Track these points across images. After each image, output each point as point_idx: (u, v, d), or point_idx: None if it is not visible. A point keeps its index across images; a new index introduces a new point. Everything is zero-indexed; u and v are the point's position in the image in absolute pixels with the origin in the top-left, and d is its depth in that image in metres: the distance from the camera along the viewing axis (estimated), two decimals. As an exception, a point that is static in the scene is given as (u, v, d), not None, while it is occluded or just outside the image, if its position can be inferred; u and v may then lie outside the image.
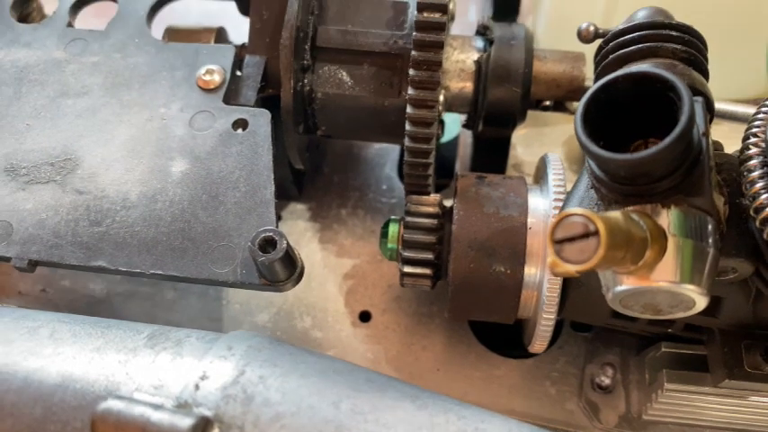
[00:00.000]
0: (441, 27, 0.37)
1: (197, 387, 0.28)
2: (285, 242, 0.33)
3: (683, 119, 0.27)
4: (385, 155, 0.51)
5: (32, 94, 0.41)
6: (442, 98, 0.38)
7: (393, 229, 0.40)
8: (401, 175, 0.50)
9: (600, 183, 0.31)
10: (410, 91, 0.37)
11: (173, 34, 0.44)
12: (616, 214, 0.26)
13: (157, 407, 0.27)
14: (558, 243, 0.25)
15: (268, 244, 0.33)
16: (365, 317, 0.46)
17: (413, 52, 0.37)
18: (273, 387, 0.28)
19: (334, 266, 0.47)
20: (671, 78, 0.28)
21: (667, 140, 0.27)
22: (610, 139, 0.29)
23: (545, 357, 0.44)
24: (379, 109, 0.41)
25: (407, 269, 0.39)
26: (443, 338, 0.45)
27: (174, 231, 0.36)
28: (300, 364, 0.30)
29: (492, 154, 0.46)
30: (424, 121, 0.38)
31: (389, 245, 0.40)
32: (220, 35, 0.45)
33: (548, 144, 0.50)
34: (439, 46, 0.37)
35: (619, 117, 0.30)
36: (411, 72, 0.37)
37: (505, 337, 0.45)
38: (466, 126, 0.45)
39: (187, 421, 0.26)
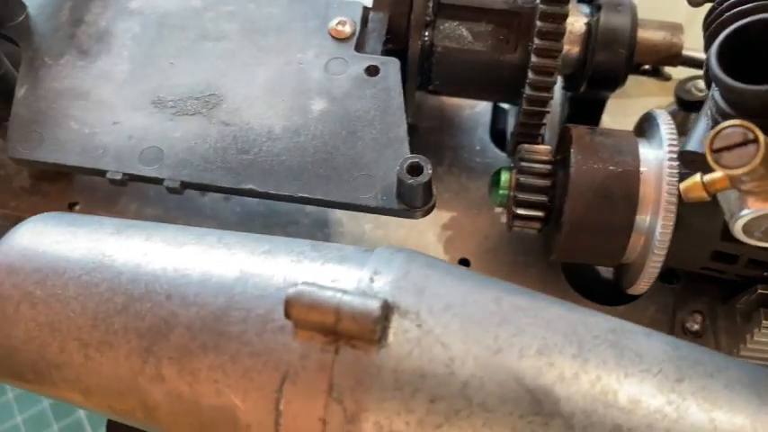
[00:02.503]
0: (567, -16, 0.40)
1: (371, 280, 0.31)
2: (430, 169, 0.36)
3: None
4: (477, 119, 0.54)
5: (174, 37, 0.44)
6: (560, 52, 0.42)
7: (505, 176, 0.43)
8: (494, 138, 0.53)
9: (726, 119, 0.34)
10: (536, 41, 0.41)
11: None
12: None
13: (345, 291, 0.29)
14: (716, 152, 0.28)
15: (414, 170, 0.36)
16: (464, 263, 0.49)
17: (541, 5, 0.40)
18: (439, 283, 0.31)
19: (433, 217, 0.50)
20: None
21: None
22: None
23: (636, 306, 0.47)
24: (494, 64, 0.44)
25: (521, 211, 0.42)
26: (539, 285, 0.48)
27: (318, 161, 0.39)
28: (454, 269, 0.33)
29: (586, 117, 0.49)
30: (546, 70, 0.41)
31: (501, 191, 0.43)
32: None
33: (630, 114, 0.53)
34: (564, 1, 0.40)
35: (747, 63, 0.33)
36: (538, 23, 0.40)
37: (593, 289, 0.48)
38: (565, 88, 0.48)
39: (375, 302, 0.29)
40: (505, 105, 0.53)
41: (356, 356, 0.29)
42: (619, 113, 0.55)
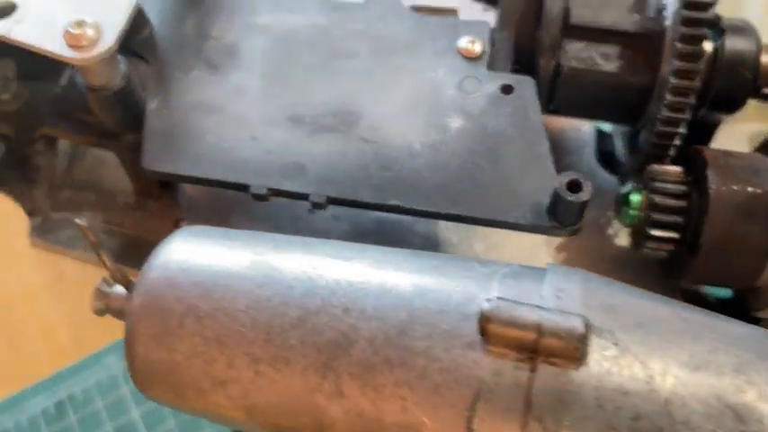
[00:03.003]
0: (705, 7, 0.41)
1: (558, 297, 0.30)
2: (591, 187, 0.36)
3: None
4: (582, 141, 0.54)
5: (304, 54, 0.44)
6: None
7: (636, 197, 0.43)
8: (602, 161, 0.53)
9: None
10: (676, 63, 0.41)
11: (419, 9, 0.47)
12: None
13: (543, 308, 0.29)
14: None
15: (575, 186, 0.36)
16: (580, 286, 0.48)
17: (681, 28, 0.40)
18: (624, 301, 0.31)
19: (545, 239, 0.50)
20: None
21: None
22: None
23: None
24: (622, 86, 0.44)
25: (655, 233, 0.42)
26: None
27: (461, 178, 0.39)
28: (629, 287, 0.32)
29: (698, 139, 0.49)
30: (685, 91, 0.41)
31: (632, 212, 0.43)
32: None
33: (734, 139, 0.54)
34: (704, 24, 0.41)
35: None
36: (678, 45, 0.41)
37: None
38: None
39: (578, 320, 0.28)
40: (608, 127, 0.53)
41: (556, 374, 0.28)
42: (722, 138, 0.55)
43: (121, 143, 0.45)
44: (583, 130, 0.54)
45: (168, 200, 0.50)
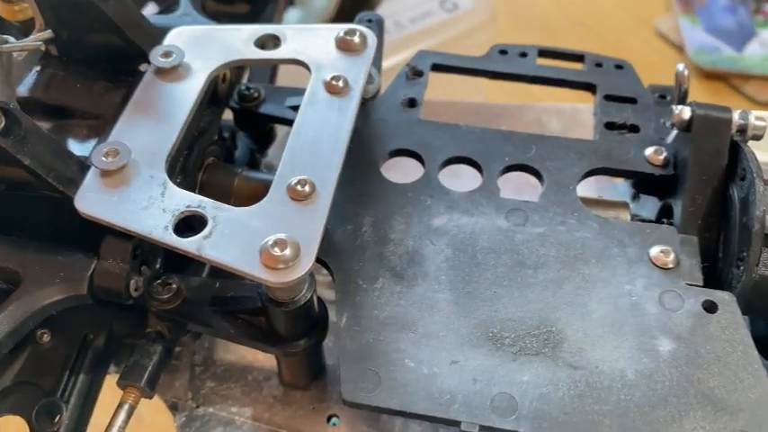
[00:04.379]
0: None
1: None
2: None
3: None
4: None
5: (489, 262, 0.42)
6: None
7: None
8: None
9: None
10: None
11: (587, 202, 0.46)
12: None
13: None
14: None
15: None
16: None
17: None
18: None
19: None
20: None
21: None
22: None
23: None
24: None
25: None
26: None
27: (681, 413, 0.36)
28: None
29: None
30: None
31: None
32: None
33: None
34: None
35: None
36: None
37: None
38: None
39: None
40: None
41: None
42: None
43: (291, 348, 0.43)
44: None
45: (317, 392, 0.48)
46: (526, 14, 1.19)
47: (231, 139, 0.56)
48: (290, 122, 0.52)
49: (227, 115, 0.54)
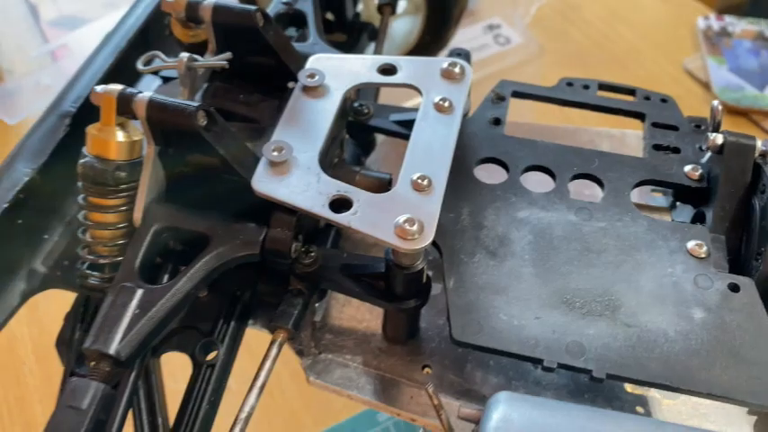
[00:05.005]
0: None
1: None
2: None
3: None
4: None
5: (563, 247, 0.54)
6: None
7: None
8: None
9: None
10: None
11: (636, 206, 0.58)
12: None
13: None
14: None
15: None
16: None
17: None
18: None
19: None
20: None
21: None
22: None
23: None
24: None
25: None
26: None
27: (710, 363, 0.48)
28: None
29: None
30: None
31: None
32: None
33: None
34: None
35: None
36: None
37: None
38: None
39: None
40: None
41: None
42: None
43: (402, 306, 0.55)
44: None
45: (413, 346, 0.60)
46: (568, 51, 1.31)
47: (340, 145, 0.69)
48: (393, 134, 0.66)
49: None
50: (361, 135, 0.69)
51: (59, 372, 0.58)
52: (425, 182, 0.52)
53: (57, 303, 0.61)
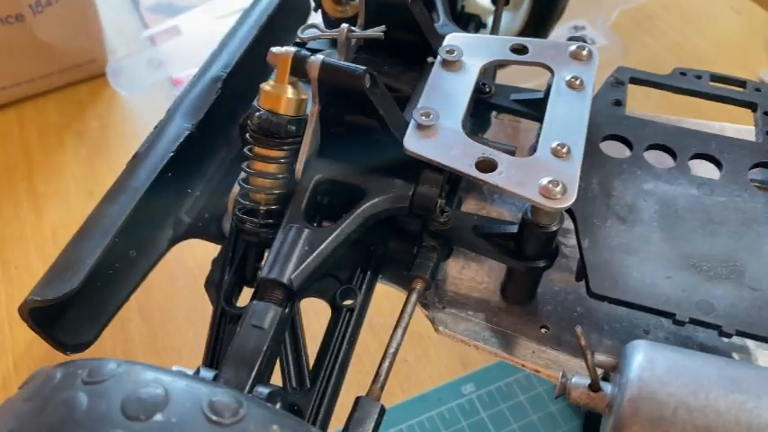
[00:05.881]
0: None
1: None
2: None
3: None
4: None
5: (687, 216, 0.58)
6: None
7: None
8: None
9: None
10: None
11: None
12: None
13: None
14: None
15: None
16: None
17: None
18: None
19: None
20: None
21: None
22: None
23: None
24: None
25: None
26: None
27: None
28: None
29: None
30: None
31: None
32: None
33: None
34: None
35: None
36: None
37: None
38: None
39: None
40: None
41: None
42: None
43: (533, 264, 0.59)
44: None
45: (530, 308, 0.64)
46: (645, 57, 1.35)
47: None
48: (514, 112, 0.70)
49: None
50: (480, 112, 0.73)
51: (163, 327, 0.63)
52: (565, 149, 0.56)
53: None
